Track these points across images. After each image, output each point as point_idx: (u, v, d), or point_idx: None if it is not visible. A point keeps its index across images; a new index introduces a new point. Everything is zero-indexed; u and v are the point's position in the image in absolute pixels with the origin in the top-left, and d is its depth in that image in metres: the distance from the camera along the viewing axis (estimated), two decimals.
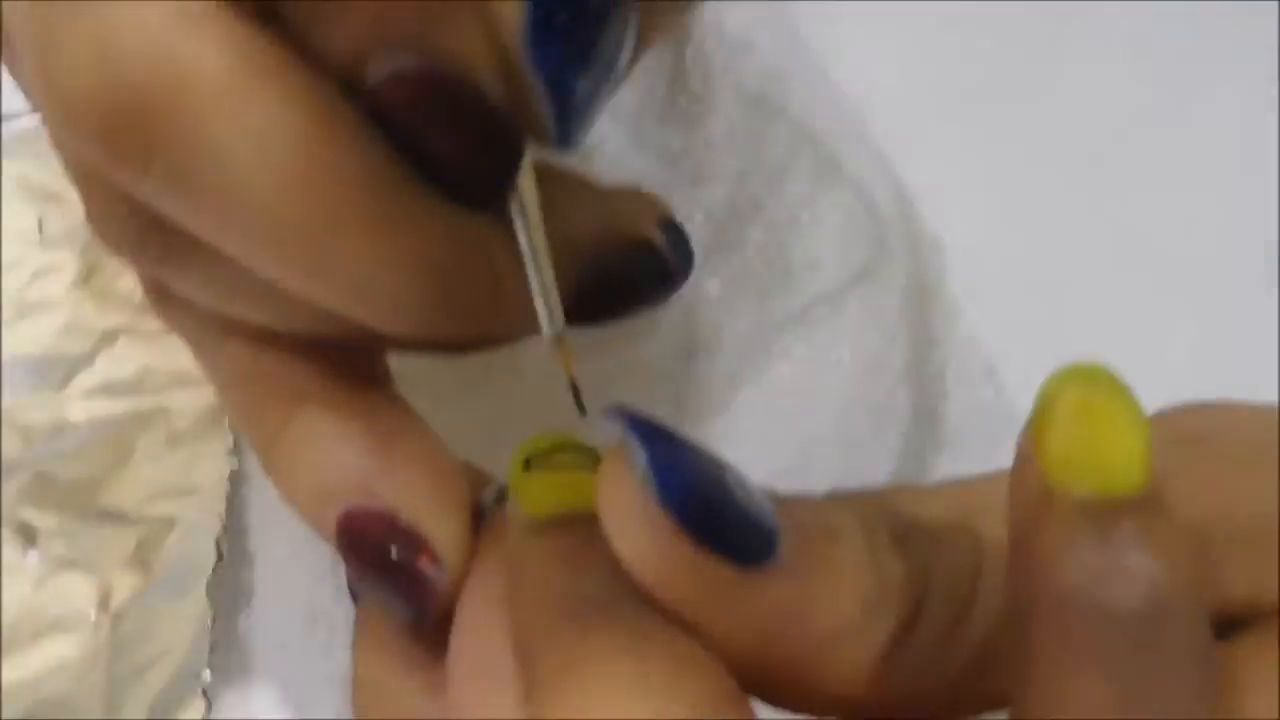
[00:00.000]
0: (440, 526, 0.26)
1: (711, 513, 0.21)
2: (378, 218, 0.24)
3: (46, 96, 0.23)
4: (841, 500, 0.23)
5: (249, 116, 0.22)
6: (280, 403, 0.28)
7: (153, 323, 0.41)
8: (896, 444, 0.39)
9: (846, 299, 0.40)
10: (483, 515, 0.27)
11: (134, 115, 0.22)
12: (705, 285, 0.40)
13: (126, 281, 0.42)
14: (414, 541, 0.26)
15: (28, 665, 0.35)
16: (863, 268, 0.41)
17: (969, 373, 0.41)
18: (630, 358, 0.39)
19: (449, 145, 0.24)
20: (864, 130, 0.43)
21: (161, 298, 0.29)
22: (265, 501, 0.37)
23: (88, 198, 0.26)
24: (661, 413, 0.39)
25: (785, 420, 0.39)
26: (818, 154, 0.42)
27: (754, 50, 0.43)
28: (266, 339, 0.28)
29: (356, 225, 0.23)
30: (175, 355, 0.40)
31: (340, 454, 0.27)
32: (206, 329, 0.29)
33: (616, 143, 0.41)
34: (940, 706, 0.22)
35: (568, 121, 0.24)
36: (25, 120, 0.44)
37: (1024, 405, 0.40)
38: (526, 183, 0.26)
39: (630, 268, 0.29)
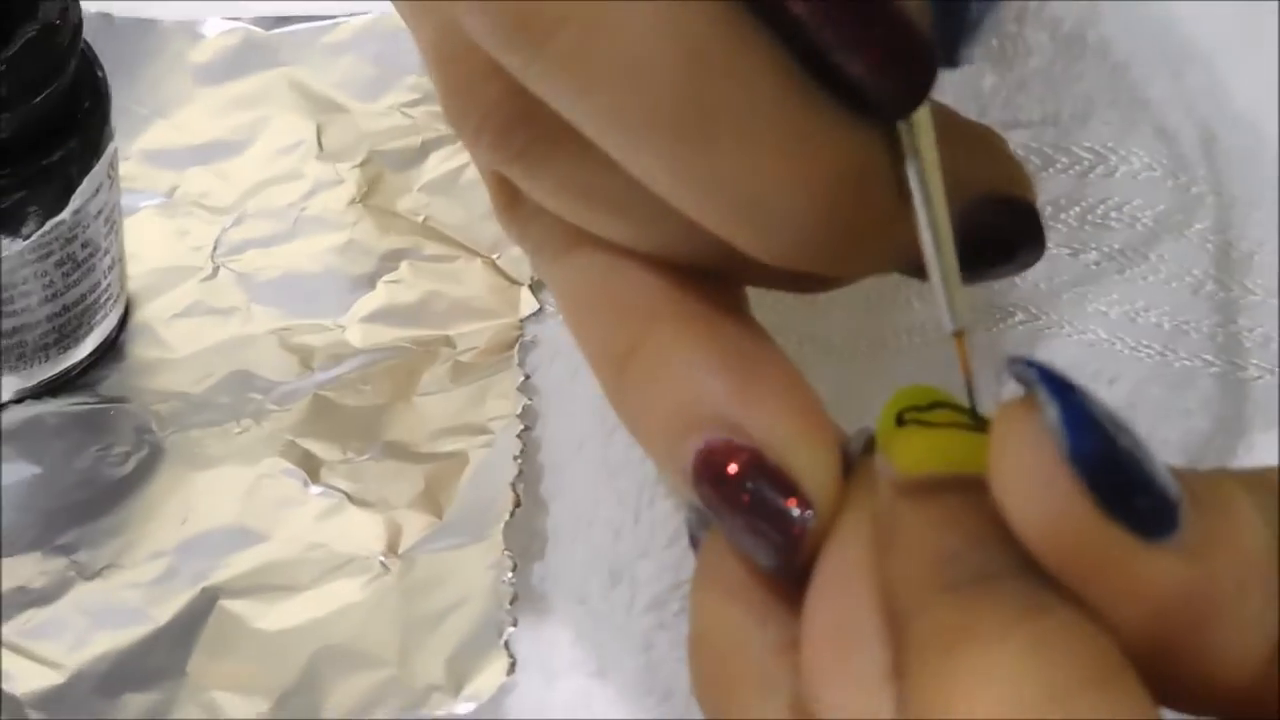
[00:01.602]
0: (810, 467, 0.24)
1: (1122, 476, 0.20)
2: (779, 129, 0.23)
3: None
4: (1231, 475, 0.22)
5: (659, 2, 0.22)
6: (632, 322, 0.26)
7: (436, 247, 0.40)
8: (1198, 421, 0.37)
9: (1149, 255, 0.38)
10: (849, 463, 0.25)
11: None
12: None
13: (408, 201, 0.40)
14: (783, 481, 0.24)
15: (312, 608, 0.34)
16: (1163, 220, 0.38)
17: None
18: (927, 315, 0.37)
19: (858, 59, 0.22)
20: (1177, 71, 0.41)
21: (509, 202, 0.28)
22: (560, 444, 0.36)
23: (451, 81, 0.26)
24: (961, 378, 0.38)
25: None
26: (1125, 91, 0.40)
27: None
28: (619, 252, 0.27)
29: (755, 132, 0.23)
30: (459, 283, 0.39)
31: (699, 380, 0.25)
32: (555, 238, 0.28)
33: None
34: None
35: (961, 36, 0.23)
36: (301, 25, 0.43)
37: None
38: (923, 115, 0.24)
39: (1008, 226, 0.27)
